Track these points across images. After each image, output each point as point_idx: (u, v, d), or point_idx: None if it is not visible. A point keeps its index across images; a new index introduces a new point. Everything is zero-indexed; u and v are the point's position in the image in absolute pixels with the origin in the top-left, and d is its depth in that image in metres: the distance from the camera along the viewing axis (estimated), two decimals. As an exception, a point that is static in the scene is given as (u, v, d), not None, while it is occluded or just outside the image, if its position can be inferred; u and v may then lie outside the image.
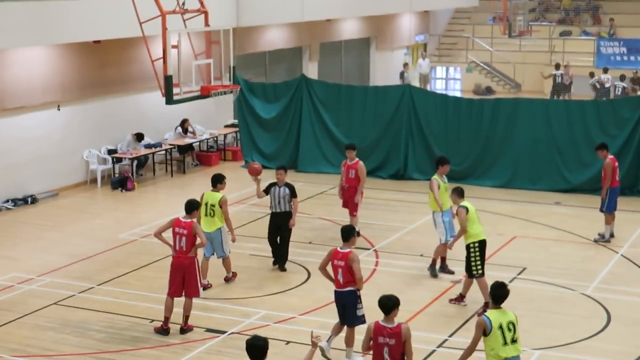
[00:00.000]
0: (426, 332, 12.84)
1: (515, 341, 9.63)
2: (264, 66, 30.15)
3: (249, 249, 16.85)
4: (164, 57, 17.44)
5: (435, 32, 41.20)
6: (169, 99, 17.79)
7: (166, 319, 13.03)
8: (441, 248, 15.29)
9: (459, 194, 13.99)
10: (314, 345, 8.80)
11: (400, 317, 9.79)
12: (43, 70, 21.22)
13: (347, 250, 11.66)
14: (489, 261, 14.98)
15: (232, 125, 26.73)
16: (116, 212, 20.30)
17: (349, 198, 17.22)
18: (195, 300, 13.22)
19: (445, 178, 15.44)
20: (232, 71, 20.03)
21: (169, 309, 13.01)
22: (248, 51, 28.14)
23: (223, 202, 14.52)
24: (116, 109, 23.53)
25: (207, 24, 18.76)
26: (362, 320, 11.75)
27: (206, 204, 14.57)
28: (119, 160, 22.73)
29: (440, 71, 40.91)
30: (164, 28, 17.29)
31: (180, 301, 13.02)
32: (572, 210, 19.96)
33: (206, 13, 18.77)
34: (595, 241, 17.39)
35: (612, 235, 17.52)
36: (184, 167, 24.32)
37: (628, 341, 12.85)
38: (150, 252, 16.72)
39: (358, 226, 17.39)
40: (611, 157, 17.42)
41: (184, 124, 24.71)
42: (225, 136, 26.12)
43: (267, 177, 16.17)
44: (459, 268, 14.79)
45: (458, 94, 36.47)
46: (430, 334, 12.86)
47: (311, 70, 31.50)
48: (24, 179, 20.96)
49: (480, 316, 9.88)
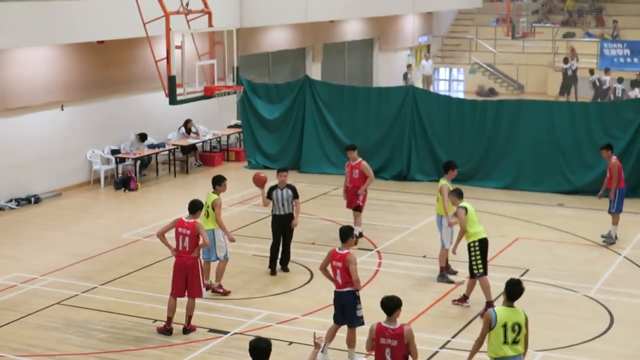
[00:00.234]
0: (429, 334, 12.83)
1: (516, 342, 9.62)
2: (267, 67, 30.15)
3: (252, 250, 16.86)
4: (168, 58, 17.43)
5: (438, 34, 41.17)
6: (173, 100, 17.79)
7: (169, 319, 13.05)
8: (444, 252, 15.28)
9: (458, 195, 14.01)
10: (317, 346, 8.80)
11: (402, 318, 9.79)
12: (47, 70, 21.24)
13: (345, 251, 11.66)
14: (492, 262, 14.96)
15: (235, 125, 26.73)
16: (119, 212, 20.32)
17: (353, 197, 17.23)
18: (198, 300, 13.24)
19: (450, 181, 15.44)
20: (236, 72, 20.01)
21: (172, 309, 13.02)
22: (251, 52, 28.16)
23: (215, 204, 14.31)
24: (119, 109, 23.54)
25: (211, 25, 18.75)
26: (362, 321, 11.76)
27: (205, 205, 14.53)
28: (122, 160, 22.75)
29: (443, 72, 40.87)
30: (168, 28, 17.28)
31: (183, 301, 13.04)
32: (575, 212, 19.95)
33: (210, 14, 18.76)
34: (604, 242, 17.32)
35: (616, 237, 17.53)
36: (187, 168, 24.33)
37: (631, 343, 12.84)
38: (153, 252, 16.73)
39: (361, 227, 17.44)
40: (615, 158, 17.42)
41: (187, 125, 24.72)
42: (228, 137, 26.13)
43: (271, 178, 16.11)
44: (463, 270, 14.79)
45: (461, 95, 36.45)
46: (433, 335, 12.86)
47: (314, 71, 31.48)
48: (27, 179, 20.97)
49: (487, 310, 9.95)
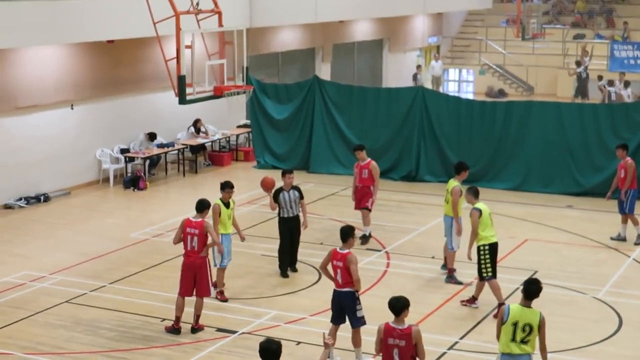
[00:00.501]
0: (437, 334, 12.81)
1: (525, 342, 9.59)
2: (277, 67, 30.16)
3: (260, 250, 16.86)
4: (178, 57, 17.48)
5: (448, 34, 41.13)
6: (182, 99, 17.83)
7: (177, 318, 13.06)
8: (452, 255, 15.21)
9: (475, 194, 13.68)
10: (327, 346, 8.79)
11: (411, 319, 9.78)
12: (56, 69, 21.29)
13: (346, 251, 11.64)
14: (501, 264, 14.93)
15: (245, 125, 26.73)
16: (128, 211, 20.35)
17: (362, 197, 17.19)
18: (206, 299, 13.26)
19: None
20: (245, 71, 20.06)
21: (180, 308, 13.03)
22: (261, 52, 28.17)
23: (213, 209, 13.96)
24: (129, 109, 23.58)
25: (221, 25, 18.79)
26: (363, 321, 11.76)
27: None
28: (132, 159, 22.79)
29: (453, 73, 40.83)
30: (178, 28, 17.33)
31: (191, 301, 13.05)
32: (584, 213, 19.90)
33: (220, 13, 18.80)
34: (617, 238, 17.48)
35: (625, 238, 17.49)
36: (196, 167, 24.35)
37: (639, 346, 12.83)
38: (161, 252, 16.75)
39: (370, 227, 17.41)
40: (630, 159, 17.41)
41: (197, 124, 24.73)
42: (237, 136, 26.14)
43: (276, 179, 16.04)
44: (472, 271, 14.76)
45: (470, 96, 36.34)
46: (441, 336, 12.84)
47: (324, 71, 31.47)
48: (37, 178, 21.02)
49: (502, 307, 9.94)
